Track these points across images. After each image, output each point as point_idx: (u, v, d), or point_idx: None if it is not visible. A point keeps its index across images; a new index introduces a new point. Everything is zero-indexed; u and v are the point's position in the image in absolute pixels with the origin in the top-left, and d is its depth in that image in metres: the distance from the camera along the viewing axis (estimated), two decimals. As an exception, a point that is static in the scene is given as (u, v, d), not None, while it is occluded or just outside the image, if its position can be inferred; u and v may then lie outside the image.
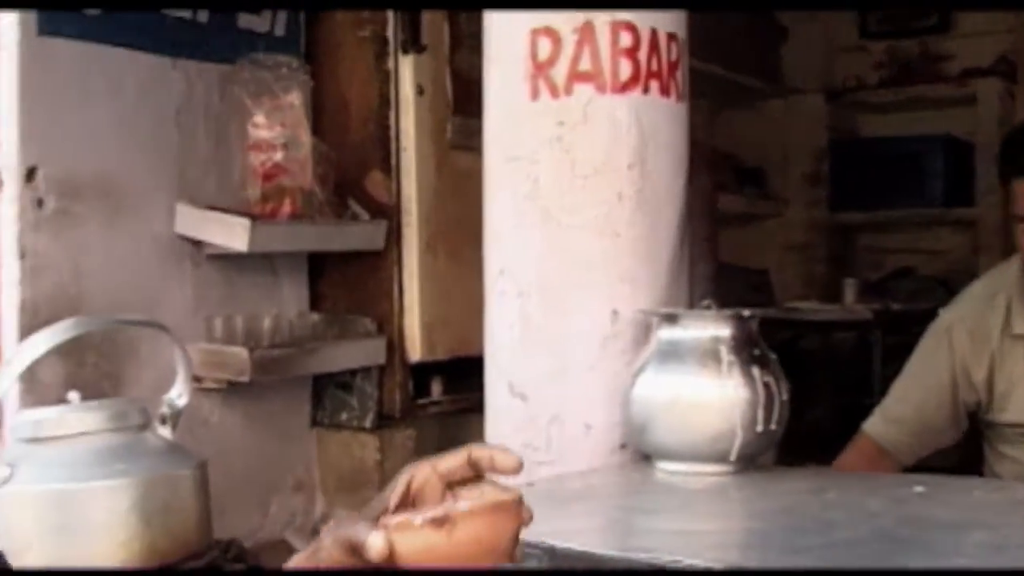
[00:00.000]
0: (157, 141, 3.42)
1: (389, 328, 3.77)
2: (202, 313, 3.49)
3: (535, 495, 2.21)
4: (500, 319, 2.53)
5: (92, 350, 3.14)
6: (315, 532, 3.70)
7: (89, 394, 2.46)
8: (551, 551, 1.69)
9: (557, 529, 1.79)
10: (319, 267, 3.88)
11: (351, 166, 3.76)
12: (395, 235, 3.75)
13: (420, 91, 3.74)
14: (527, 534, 1.69)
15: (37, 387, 2.86)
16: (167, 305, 3.36)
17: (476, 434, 3.72)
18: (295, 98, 3.54)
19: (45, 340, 2.27)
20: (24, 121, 3.11)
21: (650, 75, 2.49)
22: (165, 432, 2.37)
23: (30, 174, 3.11)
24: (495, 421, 2.54)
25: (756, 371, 2.25)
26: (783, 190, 6.34)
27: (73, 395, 2.37)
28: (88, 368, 3.11)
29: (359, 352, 3.72)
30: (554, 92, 2.47)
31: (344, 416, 3.82)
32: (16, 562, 2.20)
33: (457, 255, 3.75)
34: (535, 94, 2.48)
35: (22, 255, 3.10)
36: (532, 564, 1.68)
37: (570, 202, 2.45)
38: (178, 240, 3.46)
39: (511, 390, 2.49)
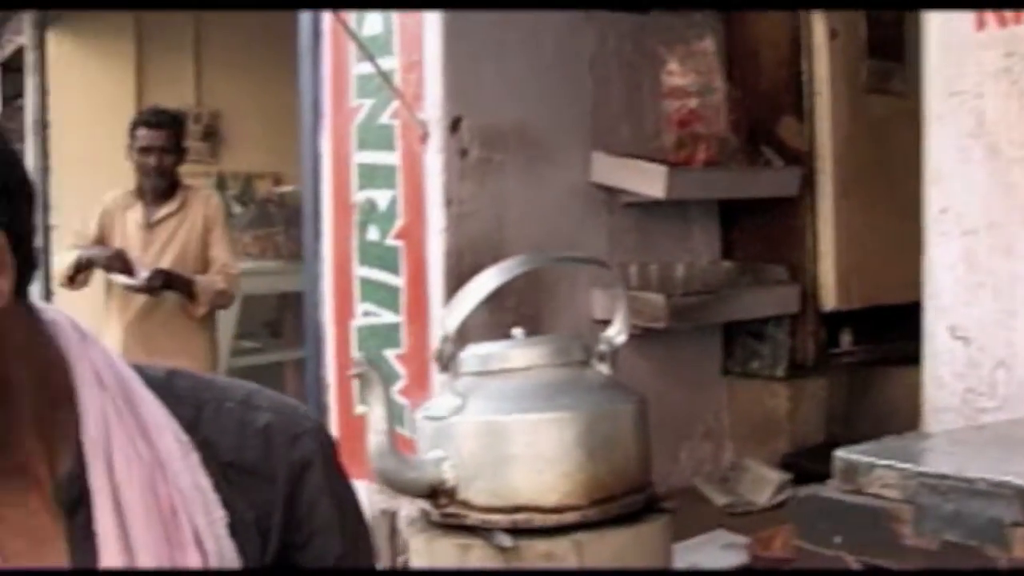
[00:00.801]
0: (572, 91, 3.50)
1: (802, 276, 3.72)
2: (616, 260, 3.52)
3: (985, 438, 2.14)
4: (941, 260, 2.44)
5: (513, 294, 3.23)
6: (724, 480, 3.72)
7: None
8: (1021, 491, 1.61)
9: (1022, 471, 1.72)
10: (730, 214, 3.88)
11: (763, 112, 3.73)
12: (809, 181, 3.69)
13: (833, 34, 3.66)
14: (989, 472, 1.63)
15: (461, 328, 2.96)
16: (583, 251, 3.42)
17: (888, 386, 3.65)
18: (708, 45, 3.53)
19: (495, 276, 2.35)
20: (448, 74, 3.23)
21: (1108, -1, 2.34)
22: (604, 369, 2.42)
23: (454, 125, 3.22)
24: (934, 365, 2.44)
25: None
26: None
27: (517, 331, 2.44)
28: (509, 312, 3.19)
29: (772, 300, 3.70)
30: (1002, 21, 2.35)
31: (755, 365, 3.81)
32: (464, 489, 2.30)
33: (873, 201, 3.66)
34: (980, 24, 2.37)
35: (448, 203, 3.22)
36: (1002, 504, 1.61)
37: (1019, 136, 2.33)
38: (593, 188, 3.52)
39: (952, 334, 2.40)
